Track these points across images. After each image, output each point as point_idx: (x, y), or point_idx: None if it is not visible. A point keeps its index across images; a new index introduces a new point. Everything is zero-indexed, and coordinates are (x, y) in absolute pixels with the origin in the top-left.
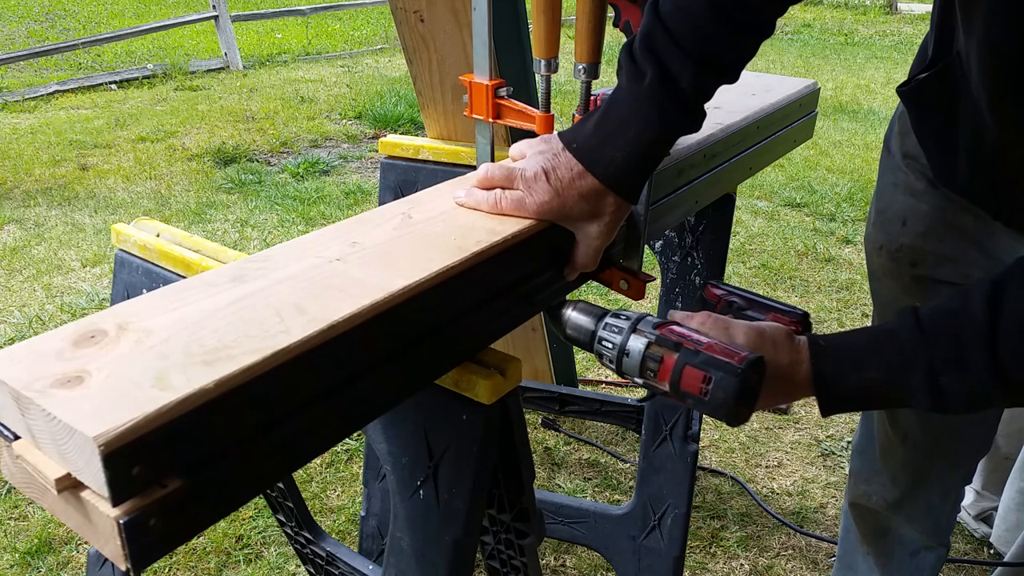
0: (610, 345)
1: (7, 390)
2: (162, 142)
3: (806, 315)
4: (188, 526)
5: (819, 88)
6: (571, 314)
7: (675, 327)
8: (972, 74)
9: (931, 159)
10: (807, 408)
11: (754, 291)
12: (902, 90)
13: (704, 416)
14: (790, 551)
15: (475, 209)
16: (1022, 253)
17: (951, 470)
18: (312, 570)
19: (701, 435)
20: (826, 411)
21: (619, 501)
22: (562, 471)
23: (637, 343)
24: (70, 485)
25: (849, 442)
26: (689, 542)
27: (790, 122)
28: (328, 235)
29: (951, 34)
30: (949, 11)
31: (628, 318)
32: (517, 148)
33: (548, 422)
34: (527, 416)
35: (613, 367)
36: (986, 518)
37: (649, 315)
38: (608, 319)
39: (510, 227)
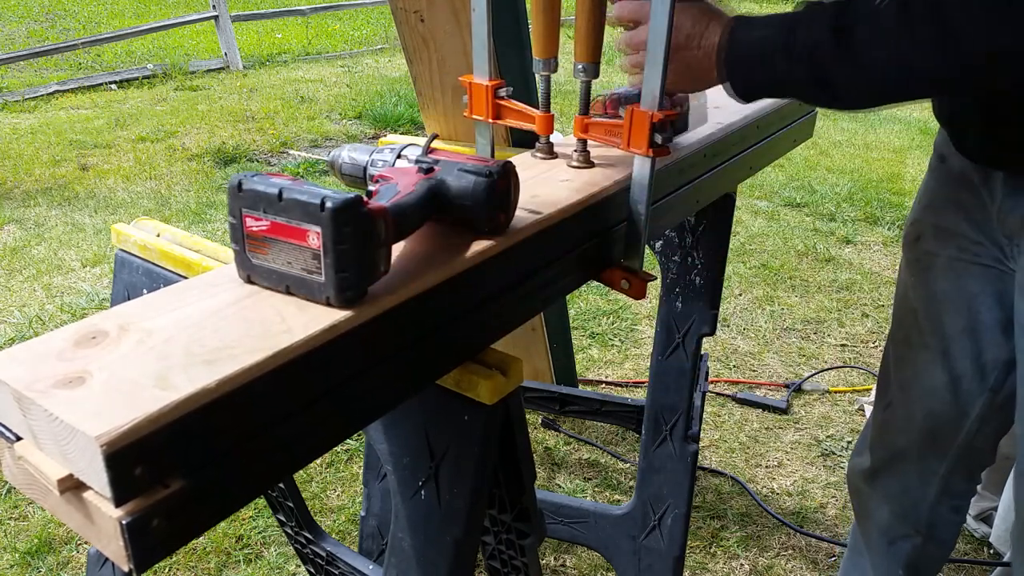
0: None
1: (9, 391)
2: (162, 142)
3: None
4: (191, 526)
5: None
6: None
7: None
8: None
9: (942, 116)
10: (807, 408)
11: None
12: None
13: (704, 416)
14: (790, 551)
15: None
16: (1013, 229)
17: (932, 455)
18: (312, 570)
19: (701, 435)
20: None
21: (619, 501)
22: (562, 471)
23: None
24: (72, 486)
25: (850, 442)
26: (689, 542)
27: (790, 122)
28: None
29: None
30: None
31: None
32: None
33: (548, 422)
34: (527, 416)
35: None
36: (986, 518)
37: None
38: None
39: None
